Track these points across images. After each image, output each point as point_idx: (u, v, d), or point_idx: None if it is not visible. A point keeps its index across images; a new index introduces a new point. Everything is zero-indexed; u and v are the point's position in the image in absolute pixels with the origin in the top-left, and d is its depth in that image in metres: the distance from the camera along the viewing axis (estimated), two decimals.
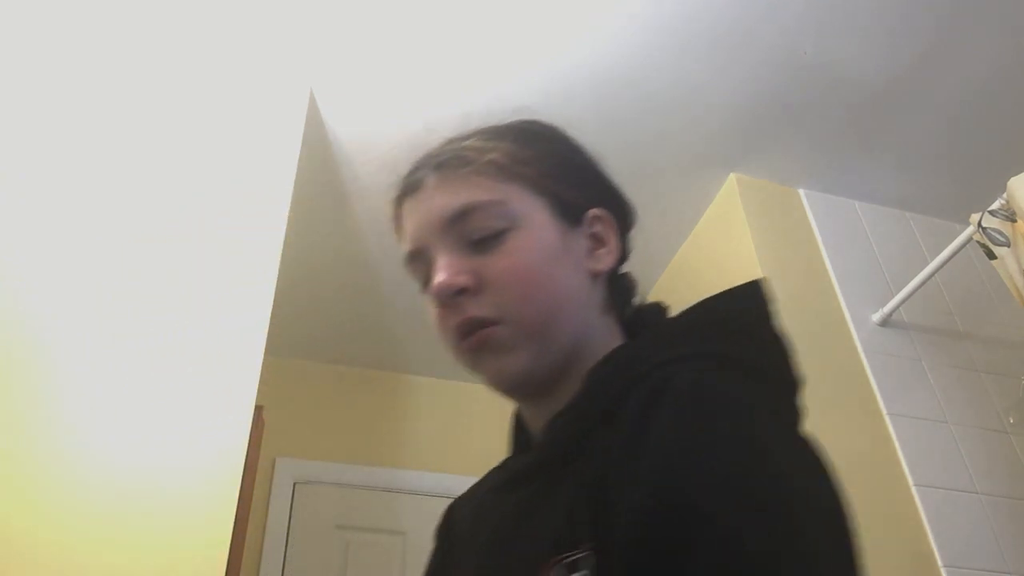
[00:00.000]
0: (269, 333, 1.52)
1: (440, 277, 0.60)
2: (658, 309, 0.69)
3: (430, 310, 0.64)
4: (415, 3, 1.72)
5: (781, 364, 0.60)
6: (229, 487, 1.33)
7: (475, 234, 0.61)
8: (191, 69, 1.78)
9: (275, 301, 1.53)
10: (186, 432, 1.36)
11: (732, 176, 2.15)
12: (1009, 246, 1.53)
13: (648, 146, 2.06)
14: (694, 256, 2.27)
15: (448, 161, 0.64)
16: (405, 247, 0.66)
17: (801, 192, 2.18)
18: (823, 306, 1.93)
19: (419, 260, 0.64)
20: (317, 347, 2.68)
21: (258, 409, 1.50)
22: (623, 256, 0.69)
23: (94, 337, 1.40)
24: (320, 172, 2.06)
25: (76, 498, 1.25)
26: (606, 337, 0.63)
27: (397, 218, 0.68)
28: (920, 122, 2.05)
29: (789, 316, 2.15)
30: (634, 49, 1.84)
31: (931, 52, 1.88)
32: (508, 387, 0.62)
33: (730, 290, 0.62)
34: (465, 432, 2.57)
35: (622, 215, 0.70)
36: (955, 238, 1.70)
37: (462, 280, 0.59)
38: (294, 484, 2.45)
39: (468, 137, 0.67)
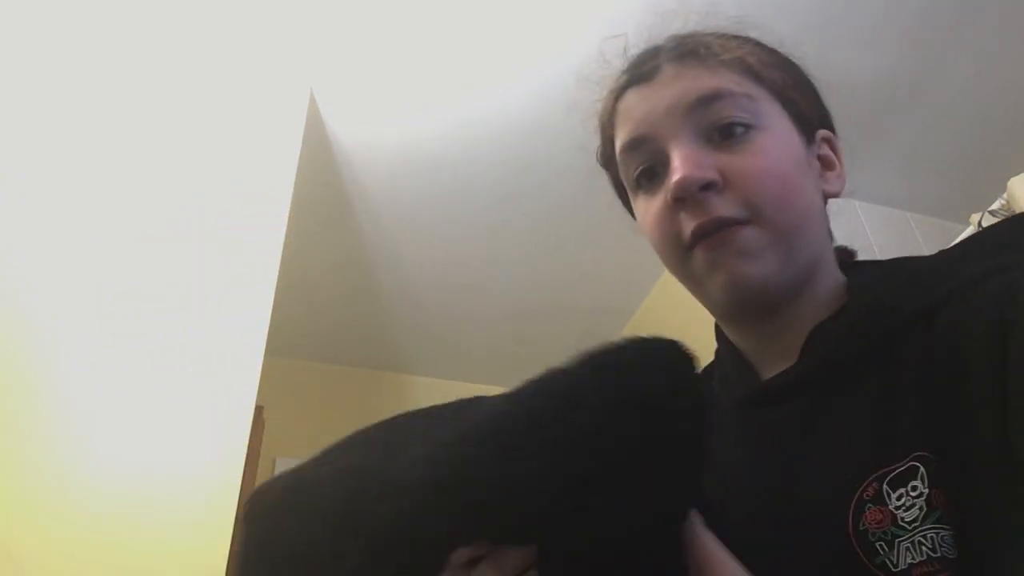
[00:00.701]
0: (269, 333, 1.52)
1: (682, 169, 0.54)
2: (848, 251, 0.68)
3: (645, 208, 0.59)
4: (416, 4, 1.72)
5: None
6: (229, 487, 1.33)
7: (720, 124, 0.56)
8: (191, 70, 1.78)
9: (275, 301, 1.53)
10: (186, 432, 1.36)
11: None
12: None
13: None
14: None
15: (693, 51, 0.60)
16: (624, 135, 0.60)
17: None
18: None
19: (641, 149, 0.59)
20: (317, 347, 2.68)
21: (258, 409, 1.50)
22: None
23: (94, 337, 1.40)
24: (320, 173, 2.06)
25: (76, 498, 1.25)
26: (831, 265, 0.61)
27: (613, 112, 0.62)
28: (920, 122, 2.05)
29: None
30: (632, 50, 1.84)
31: (931, 52, 1.88)
32: (748, 294, 0.56)
33: (1006, 220, 0.59)
34: None
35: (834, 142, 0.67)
36: (955, 238, 1.70)
37: (709, 174, 0.54)
38: None
39: (708, 35, 0.63)
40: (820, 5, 1.77)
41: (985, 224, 1.57)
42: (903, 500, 0.44)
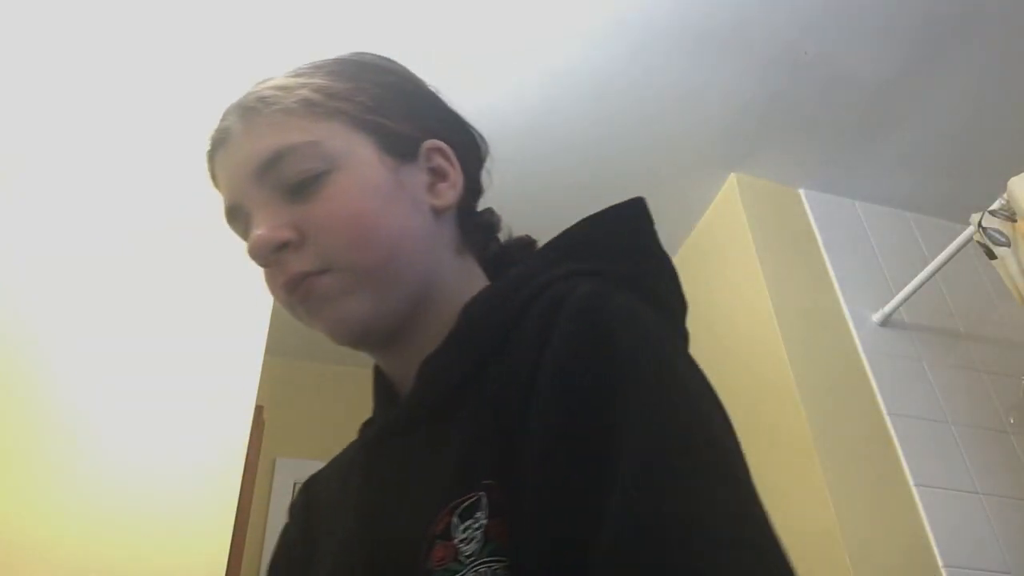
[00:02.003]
0: (269, 333, 1.52)
1: (256, 233, 0.54)
2: (527, 242, 0.65)
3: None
4: (408, 4, 1.72)
5: (667, 285, 0.57)
6: (229, 487, 1.33)
7: (291, 181, 0.54)
8: (192, 70, 1.78)
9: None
10: (186, 432, 1.36)
11: (732, 176, 2.15)
12: (1009, 246, 1.53)
13: (648, 146, 2.06)
14: (694, 256, 2.27)
15: (254, 104, 0.57)
16: (223, 204, 0.59)
17: (801, 192, 2.18)
18: (823, 306, 1.93)
19: (238, 218, 0.58)
20: (317, 347, 2.67)
21: (258, 409, 1.50)
22: (474, 190, 0.64)
23: (95, 337, 1.40)
24: None
25: (76, 498, 1.25)
26: (463, 278, 0.59)
27: (213, 176, 0.60)
28: (920, 122, 2.05)
29: (789, 316, 2.15)
30: (634, 49, 1.84)
31: (931, 52, 1.88)
32: (350, 337, 0.56)
33: (610, 209, 0.59)
34: None
35: (467, 148, 0.64)
36: (955, 238, 1.70)
37: (281, 234, 0.53)
38: (294, 484, 2.45)
39: (272, 82, 0.59)
40: (820, 5, 1.77)
41: (985, 224, 1.58)
42: (467, 533, 0.43)
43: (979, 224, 1.58)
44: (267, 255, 0.54)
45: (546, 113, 1.95)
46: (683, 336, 0.55)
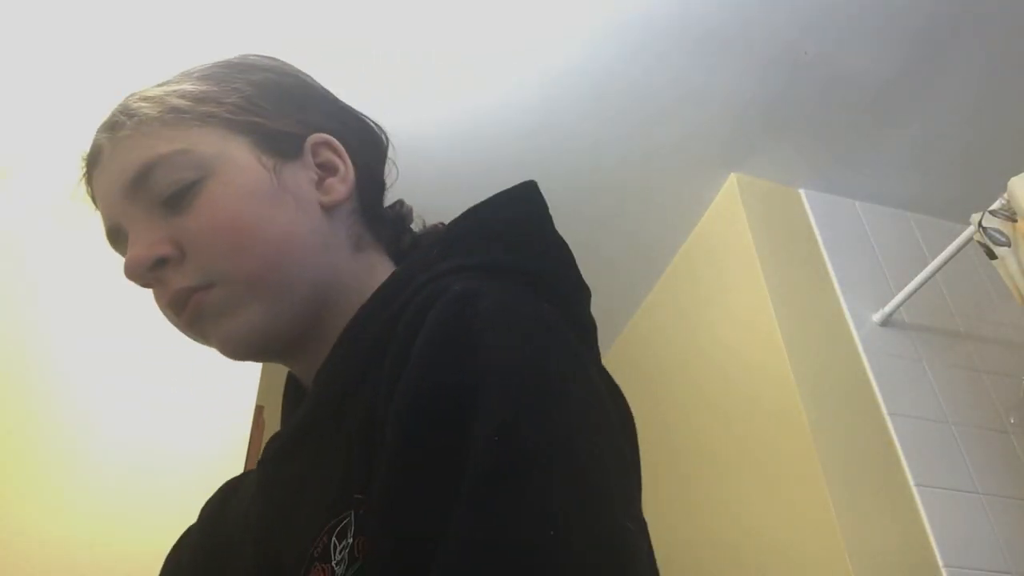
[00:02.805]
0: None
1: (130, 253, 0.51)
2: (439, 231, 0.62)
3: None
4: (408, 5, 1.72)
5: (560, 270, 0.54)
6: None
7: (163, 194, 0.51)
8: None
9: None
10: (187, 432, 1.36)
11: (732, 176, 2.15)
12: (1010, 246, 1.53)
13: (648, 147, 2.06)
14: (694, 256, 2.27)
15: (118, 119, 0.54)
16: (103, 225, 0.56)
17: (801, 192, 2.18)
18: (823, 306, 1.93)
19: (117, 240, 0.55)
20: None
21: (258, 409, 1.50)
22: (375, 183, 0.62)
23: (95, 337, 1.41)
24: None
25: (77, 498, 1.25)
26: (366, 275, 0.56)
27: (92, 198, 0.58)
28: (920, 122, 2.05)
29: (789, 316, 2.14)
30: (633, 49, 1.84)
31: (931, 52, 1.88)
32: (244, 351, 0.53)
33: (500, 194, 0.56)
34: None
35: (362, 141, 0.61)
36: (956, 238, 1.70)
37: (157, 251, 0.51)
38: None
39: (147, 87, 0.57)
40: (820, 5, 1.77)
41: (985, 224, 1.58)
42: (342, 553, 0.41)
43: (979, 224, 1.58)
44: (144, 274, 0.52)
45: (546, 113, 1.95)
46: (583, 326, 0.52)
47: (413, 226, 0.65)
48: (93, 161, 0.56)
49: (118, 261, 0.52)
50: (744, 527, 1.81)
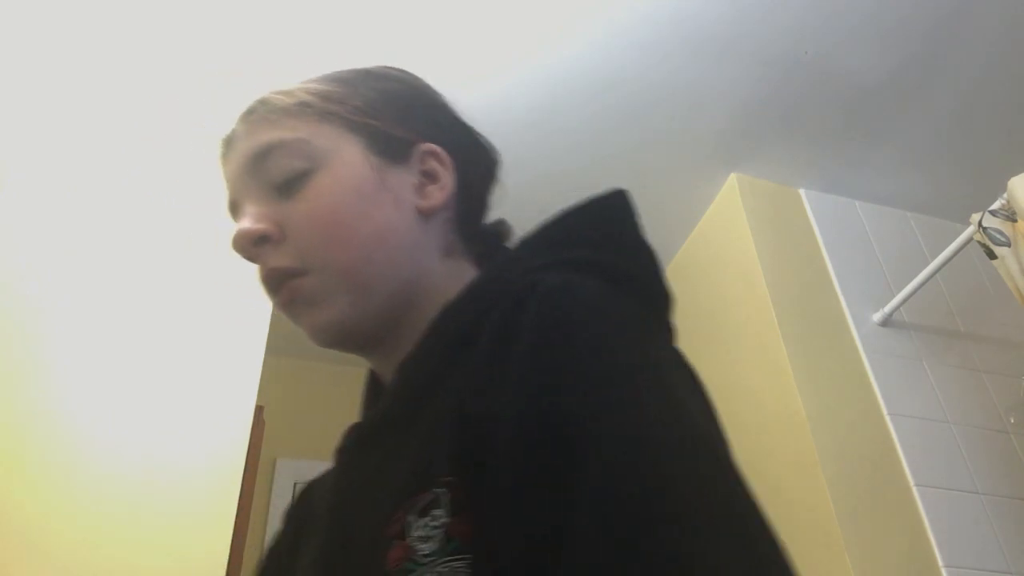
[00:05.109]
0: (269, 333, 1.52)
1: (239, 226, 0.55)
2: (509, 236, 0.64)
3: None
4: (409, 4, 1.72)
5: (649, 275, 0.55)
6: (229, 487, 1.33)
7: (277, 178, 0.56)
8: (192, 70, 1.78)
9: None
10: (186, 432, 1.36)
11: (732, 176, 2.15)
12: (1010, 246, 1.53)
13: (648, 146, 2.06)
14: (694, 256, 2.27)
15: (254, 106, 0.60)
16: (227, 201, 0.61)
17: (801, 192, 2.18)
18: (823, 306, 1.93)
19: (236, 213, 0.59)
20: (317, 347, 2.68)
21: (258, 409, 1.50)
22: (476, 198, 0.64)
23: (95, 337, 1.40)
24: None
25: (76, 498, 1.25)
26: (452, 281, 0.58)
27: (225, 179, 0.62)
28: (920, 122, 2.05)
29: (789, 316, 2.14)
30: (633, 49, 1.84)
31: (931, 52, 1.88)
32: (329, 340, 0.56)
33: (591, 199, 0.57)
34: None
35: (470, 157, 0.64)
36: (956, 238, 1.70)
37: (260, 227, 0.55)
38: (294, 484, 2.45)
39: (279, 89, 0.62)
40: (820, 6, 1.77)
41: (986, 224, 1.58)
42: (424, 531, 0.42)
43: (979, 224, 1.58)
44: (246, 247, 0.55)
45: (546, 113, 1.95)
46: (668, 328, 0.53)
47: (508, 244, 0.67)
48: (228, 141, 0.61)
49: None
50: None
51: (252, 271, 0.57)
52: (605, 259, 0.53)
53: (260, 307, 1.53)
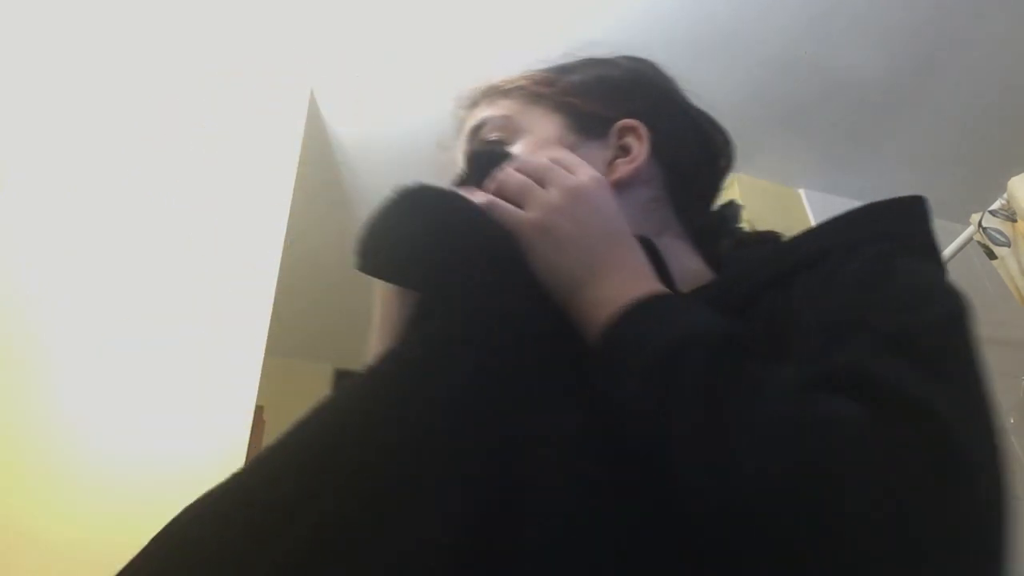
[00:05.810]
0: (269, 333, 1.52)
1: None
2: (769, 236, 0.70)
3: None
4: (414, 3, 1.72)
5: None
6: None
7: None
8: (192, 70, 1.78)
9: (275, 301, 1.53)
10: (186, 432, 1.36)
11: (732, 176, 2.15)
12: (1009, 246, 1.53)
13: None
14: None
15: (485, 89, 0.71)
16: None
17: (801, 192, 2.18)
18: None
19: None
20: (317, 347, 2.68)
21: (258, 409, 1.49)
22: (685, 180, 0.68)
23: (95, 337, 1.40)
24: (320, 172, 2.06)
25: (76, 498, 1.25)
26: (675, 250, 0.62)
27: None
28: (920, 122, 2.05)
29: None
30: (633, 49, 1.84)
31: (931, 52, 1.88)
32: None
33: (891, 199, 0.59)
34: None
35: (682, 139, 0.69)
36: (956, 238, 1.70)
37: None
38: None
39: (511, 76, 0.72)
40: (820, 6, 1.77)
41: (985, 224, 1.58)
42: None
43: (979, 224, 1.59)
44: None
45: None
46: None
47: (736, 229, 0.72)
48: (461, 120, 0.71)
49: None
50: None
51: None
52: (914, 242, 0.54)
53: (260, 307, 1.53)
